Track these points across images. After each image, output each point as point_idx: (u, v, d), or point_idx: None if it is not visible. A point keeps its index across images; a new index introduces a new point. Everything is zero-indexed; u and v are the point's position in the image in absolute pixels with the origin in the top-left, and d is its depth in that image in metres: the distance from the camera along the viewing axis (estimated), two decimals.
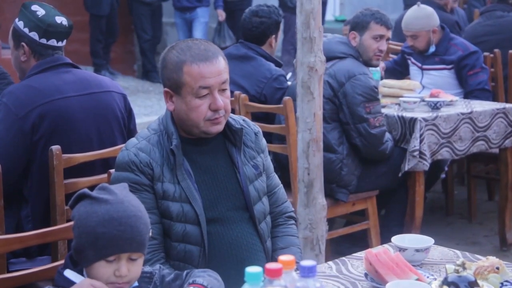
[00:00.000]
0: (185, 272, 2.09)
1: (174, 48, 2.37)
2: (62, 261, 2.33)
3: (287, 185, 3.70)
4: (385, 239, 4.06)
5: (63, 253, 2.83)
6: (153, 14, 9.28)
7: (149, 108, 7.92)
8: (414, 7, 5.07)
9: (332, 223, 4.51)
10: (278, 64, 4.49)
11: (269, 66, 4.39)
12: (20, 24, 3.10)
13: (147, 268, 2.04)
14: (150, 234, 1.94)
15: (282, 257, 1.58)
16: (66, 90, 3.02)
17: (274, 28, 4.49)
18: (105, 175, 2.78)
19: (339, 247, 4.35)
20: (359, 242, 4.25)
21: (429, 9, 5.05)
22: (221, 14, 8.90)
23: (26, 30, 3.08)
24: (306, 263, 1.53)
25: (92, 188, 3.03)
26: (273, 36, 4.51)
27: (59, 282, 1.93)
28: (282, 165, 4.13)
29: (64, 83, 3.04)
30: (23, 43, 3.09)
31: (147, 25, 9.22)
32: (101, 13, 8.55)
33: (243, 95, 4.13)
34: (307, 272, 1.53)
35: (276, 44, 4.62)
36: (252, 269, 1.56)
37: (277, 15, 4.52)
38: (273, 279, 1.53)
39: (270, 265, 1.53)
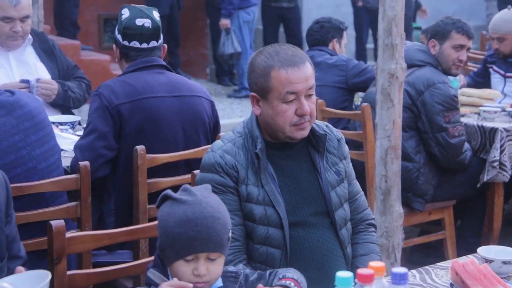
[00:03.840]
0: (267, 272, 2.10)
1: (262, 53, 2.40)
2: (144, 260, 2.40)
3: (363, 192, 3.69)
4: (461, 250, 4.01)
5: (144, 251, 2.90)
6: None
7: (221, 111, 7.98)
8: (505, 10, 4.98)
9: (405, 231, 4.47)
10: None
11: None
12: (116, 27, 3.24)
13: (232, 268, 2.06)
14: (230, 235, 1.96)
15: (373, 263, 1.59)
16: (158, 90, 3.11)
17: (335, 32, 4.64)
18: (189, 176, 2.83)
19: (413, 256, 4.31)
20: (433, 252, 4.20)
21: None
22: (222, 22, 8.68)
23: (116, 32, 3.21)
24: (398, 270, 1.54)
25: (174, 188, 3.11)
26: (335, 39, 4.62)
27: (147, 280, 1.98)
28: (357, 172, 4.11)
29: (157, 83, 3.13)
30: (114, 45, 3.23)
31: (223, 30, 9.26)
32: (161, 13, 8.50)
33: (320, 101, 4.15)
34: (399, 279, 1.54)
35: (340, 49, 4.70)
36: (342, 274, 1.58)
37: (338, 22, 4.69)
38: (364, 285, 1.54)
39: (362, 271, 1.54)
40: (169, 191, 1.99)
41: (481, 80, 5.30)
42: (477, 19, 9.35)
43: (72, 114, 3.99)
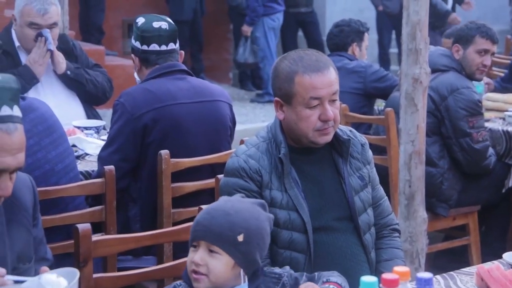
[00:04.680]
0: (316, 274, 2.11)
1: (286, 58, 2.41)
2: (168, 264, 2.42)
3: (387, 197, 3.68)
4: (485, 255, 3.99)
5: (168, 255, 2.91)
6: None
7: (244, 116, 8.00)
8: None
9: (429, 237, 4.45)
10: None
11: None
12: (132, 37, 3.26)
13: (278, 270, 2.08)
14: (240, 238, 1.95)
15: (398, 268, 1.59)
16: (180, 96, 3.12)
17: (355, 36, 4.62)
18: (212, 180, 2.85)
19: (436, 262, 4.29)
20: (457, 257, 4.18)
21: None
22: (244, 29, 8.62)
23: (133, 41, 3.23)
24: (423, 275, 1.54)
25: (198, 192, 3.13)
26: (355, 43, 4.61)
27: (186, 278, 2.00)
28: (381, 177, 4.10)
29: (178, 90, 3.14)
30: (132, 54, 3.24)
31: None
32: (184, 19, 8.53)
33: (344, 105, 4.15)
34: (424, 284, 1.54)
35: (360, 53, 4.69)
36: (367, 278, 1.58)
37: (358, 24, 4.64)
38: None
39: (387, 275, 1.54)
40: None
41: (508, 85, 5.26)
42: (501, 24, 9.28)
43: (98, 117, 4.03)
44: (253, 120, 7.95)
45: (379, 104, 4.85)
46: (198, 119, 3.14)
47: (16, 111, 1.78)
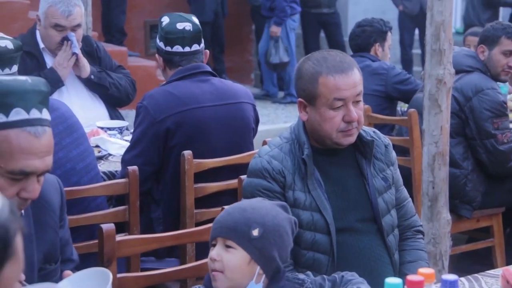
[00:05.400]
0: (338, 278, 2.09)
1: (309, 59, 2.40)
2: (191, 264, 2.42)
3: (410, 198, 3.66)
4: (510, 258, 3.95)
5: (191, 256, 2.92)
6: None
7: (265, 116, 8.00)
8: None
9: (452, 238, 4.42)
10: None
11: None
12: (157, 36, 3.26)
13: (302, 276, 2.07)
14: (255, 233, 1.94)
15: (423, 270, 1.59)
16: (203, 99, 3.11)
17: (378, 36, 4.59)
18: (235, 181, 2.85)
19: (460, 264, 4.25)
20: (481, 260, 4.15)
21: None
22: (273, 29, 8.56)
23: (157, 41, 3.23)
24: (448, 277, 1.53)
25: (221, 193, 3.14)
26: (377, 44, 4.59)
27: (207, 283, 2.00)
28: (403, 178, 4.07)
29: (201, 92, 3.13)
30: (156, 54, 3.24)
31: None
32: (205, 20, 8.54)
33: (367, 106, 4.13)
34: (449, 287, 1.53)
35: (383, 52, 4.67)
36: (392, 280, 1.57)
37: (381, 24, 4.62)
38: None
39: (412, 277, 1.54)
40: None
41: None
42: None
43: (121, 118, 4.05)
44: (275, 121, 7.96)
45: (402, 105, 4.83)
46: (221, 122, 3.13)
47: (45, 114, 1.79)
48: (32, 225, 1.91)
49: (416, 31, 8.85)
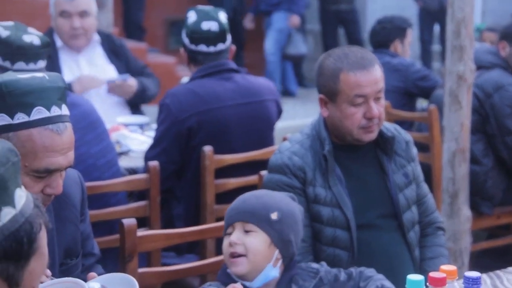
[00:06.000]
0: (354, 272, 2.11)
1: (330, 56, 2.40)
2: (211, 259, 2.43)
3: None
4: None
5: (211, 251, 2.93)
6: None
7: (284, 112, 7.97)
8: None
9: (473, 235, 4.40)
10: None
11: None
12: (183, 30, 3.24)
13: (315, 265, 2.10)
14: (274, 216, 1.99)
15: (445, 267, 1.58)
16: (225, 98, 3.10)
17: (397, 32, 4.61)
18: (256, 177, 2.85)
19: (480, 261, 4.23)
20: (502, 256, 4.12)
21: None
22: (294, 21, 8.49)
23: (183, 35, 3.21)
24: (471, 274, 1.53)
25: (241, 189, 3.14)
26: (397, 40, 4.60)
27: (221, 278, 2.01)
28: (423, 174, 4.08)
29: (224, 91, 3.11)
30: (182, 48, 3.23)
31: None
32: None
33: (387, 102, 4.12)
34: (472, 284, 1.52)
35: (403, 49, 4.67)
36: (414, 277, 1.57)
37: (401, 21, 4.65)
38: None
39: (435, 274, 1.53)
40: None
41: None
42: None
43: (141, 113, 4.06)
44: (294, 117, 7.93)
45: (422, 101, 4.81)
46: (244, 121, 3.12)
47: (65, 110, 1.80)
48: (53, 220, 1.93)
49: (436, 28, 8.81)
